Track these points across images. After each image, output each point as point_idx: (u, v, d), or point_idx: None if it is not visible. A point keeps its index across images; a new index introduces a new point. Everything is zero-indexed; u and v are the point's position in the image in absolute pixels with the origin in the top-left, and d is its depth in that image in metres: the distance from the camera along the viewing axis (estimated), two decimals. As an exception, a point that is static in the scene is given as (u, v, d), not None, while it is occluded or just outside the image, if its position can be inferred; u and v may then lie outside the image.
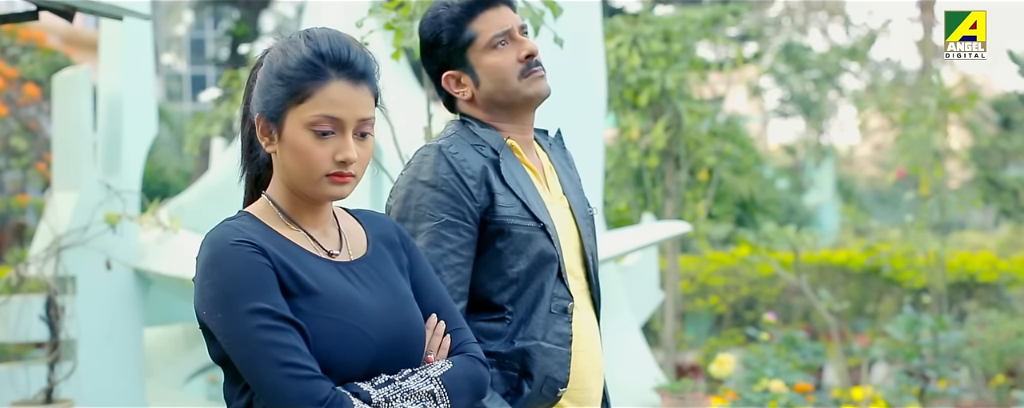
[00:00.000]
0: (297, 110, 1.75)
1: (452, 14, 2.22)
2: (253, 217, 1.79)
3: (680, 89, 7.04)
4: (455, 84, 2.27)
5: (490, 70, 2.22)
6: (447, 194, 2.14)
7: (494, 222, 2.16)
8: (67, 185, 5.11)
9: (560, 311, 2.19)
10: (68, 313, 4.90)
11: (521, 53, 2.21)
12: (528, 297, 2.17)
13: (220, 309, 1.66)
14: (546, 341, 2.16)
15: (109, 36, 5.45)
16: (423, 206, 2.14)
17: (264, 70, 1.80)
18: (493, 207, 2.16)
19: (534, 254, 2.17)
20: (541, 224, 2.18)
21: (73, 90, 5.08)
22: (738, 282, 9.24)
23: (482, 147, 2.21)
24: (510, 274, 2.17)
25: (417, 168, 2.17)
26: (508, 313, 2.17)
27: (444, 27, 2.22)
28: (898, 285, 8.80)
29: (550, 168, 2.36)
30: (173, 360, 6.02)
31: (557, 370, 2.16)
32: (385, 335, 1.75)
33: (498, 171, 2.19)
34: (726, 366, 5.68)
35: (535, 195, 2.22)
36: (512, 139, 2.27)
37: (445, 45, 2.24)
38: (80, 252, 4.99)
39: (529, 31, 2.31)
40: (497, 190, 2.17)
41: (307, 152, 1.74)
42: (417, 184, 2.16)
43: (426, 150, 2.18)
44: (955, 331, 6.53)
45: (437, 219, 2.13)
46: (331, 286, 1.74)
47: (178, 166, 17.50)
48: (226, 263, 1.67)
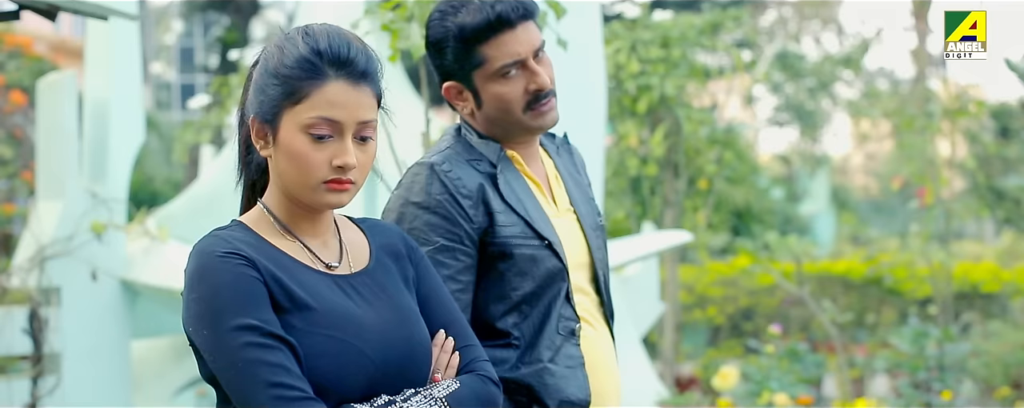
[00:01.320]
0: (293, 111, 1.63)
1: (461, 33, 2.05)
2: (245, 227, 1.68)
3: (679, 96, 6.93)
4: (456, 95, 2.13)
5: (495, 99, 2.08)
6: (441, 216, 2.00)
7: (495, 243, 2.02)
8: (51, 193, 4.99)
9: (567, 333, 2.07)
10: (52, 325, 4.77)
11: (530, 85, 2.07)
12: (534, 320, 2.04)
13: (206, 325, 1.56)
14: (554, 364, 2.04)
15: (95, 39, 5.34)
16: (416, 230, 2.00)
17: (260, 68, 1.69)
18: (493, 227, 2.02)
19: (540, 275, 2.05)
20: (546, 242, 2.05)
21: (58, 95, 4.96)
22: (736, 293, 9.12)
23: (479, 162, 2.08)
24: (514, 297, 2.04)
25: (409, 188, 2.04)
26: (514, 338, 2.04)
27: (450, 43, 2.08)
28: (899, 296, 8.70)
29: (556, 177, 2.23)
30: (161, 374, 5.88)
31: (576, 391, 2.04)
32: (385, 353, 1.64)
33: (496, 188, 2.06)
34: (729, 379, 5.56)
35: (538, 210, 2.09)
36: (513, 149, 2.14)
37: (450, 60, 2.09)
38: (65, 262, 4.87)
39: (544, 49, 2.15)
40: (496, 209, 2.03)
41: (303, 157, 1.63)
42: (409, 206, 2.03)
43: (417, 168, 2.05)
44: (962, 343, 6.42)
45: (432, 243, 1.99)
46: (327, 301, 1.63)
47: (167, 176, 17.39)
48: (212, 276, 1.57)
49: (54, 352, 4.81)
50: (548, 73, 2.09)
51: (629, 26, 6.92)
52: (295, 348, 1.56)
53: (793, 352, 6.49)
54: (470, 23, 2.04)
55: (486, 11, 2.04)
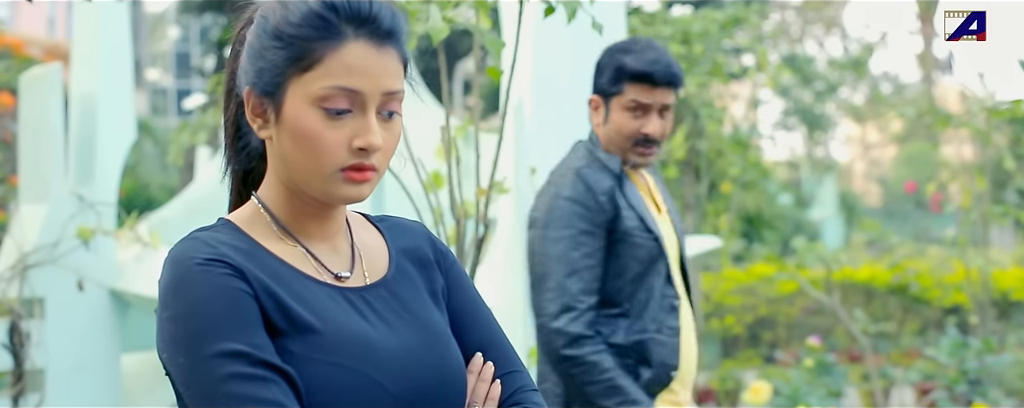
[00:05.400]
0: (302, 81, 1.30)
1: (622, 65, 2.63)
2: (234, 227, 1.35)
3: (701, 95, 6.61)
4: (593, 107, 2.70)
5: (614, 124, 2.64)
6: (584, 207, 2.55)
7: (618, 231, 2.57)
8: (35, 196, 4.76)
9: (669, 308, 2.60)
10: (35, 339, 4.51)
11: (642, 129, 2.61)
12: (642, 295, 2.58)
13: (182, 351, 1.24)
14: (660, 333, 2.56)
15: (83, 30, 5.09)
16: (563, 217, 2.56)
17: (256, 29, 1.34)
18: (619, 219, 2.57)
19: (648, 260, 2.58)
20: (654, 235, 2.60)
21: (42, 91, 4.72)
22: (755, 301, 8.82)
23: (607, 170, 2.63)
24: (627, 275, 2.57)
25: (559, 186, 2.61)
26: (625, 309, 2.57)
27: (609, 70, 2.66)
28: (925, 304, 8.39)
29: (655, 189, 2.78)
30: (152, 390, 5.62)
31: (670, 356, 2.57)
32: (408, 384, 1.31)
33: (623, 190, 2.61)
34: (762, 394, 5.24)
35: (647, 211, 2.64)
36: (633, 166, 2.69)
37: (602, 78, 2.68)
38: (49, 271, 4.63)
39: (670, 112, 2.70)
40: (621, 205, 2.59)
41: (315, 137, 1.30)
42: (560, 199, 2.58)
43: (564, 171, 2.64)
44: (1003, 354, 6.11)
45: (576, 227, 2.55)
46: (334, 321, 1.30)
47: (163, 182, 17.19)
48: (191, 290, 1.25)
49: (37, 368, 4.57)
50: (665, 126, 2.65)
51: (648, 20, 6.61)
52: (294, 380, 1.24)
53: (822, 364, 6.21)
54: (634, 68, 2.63)
55: (644, 65, 2.62)
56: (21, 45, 11.34)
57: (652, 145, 2.63)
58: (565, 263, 2.52)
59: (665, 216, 2.74)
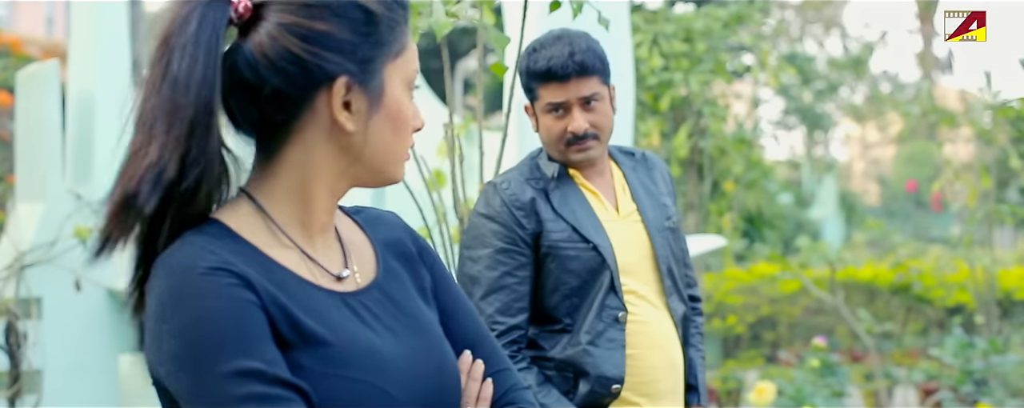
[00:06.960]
0: (395, 66, 1.31)
1: (528, 68, 2.52)
2: (228, 230, 1.25)
3: (704, 93, 6.57)
4: (529, 115, 2.59)
5: (542, 129, 2.55)
6: (500, 223, 2.45)
7: (544, 246, 2.46)
8: (32, 195, 4.75)
9: (611, 320, 2.45)
10: (32, 340, 4.49)
11: (568, 128, 2.49)
12: (582, 309, 2.46)
13: (186, 369, 1.16)
14: (595, 345, 2.43)
15: (81, 28, 5.10)
16: (482, 235, 2.47)
17: (335, 22, 1.28)
18: (543, 234, 2.46)
19: (587, 271, 2.46)
20: (592, 244, 2.46)
21: (39, 89, 4.72)
22: (757, 301, 8.79)
23: (537, 180, 2.52)
24: (563, 290, 2.46)
25: (478, 203, 2.53)
26: (566, 324, 2.47)
27: (523, 76, 2.55)
28: (928, 304, 8.36)
29: (623, 187, 2.61)
30: (150, 390, 5.53)
31: (610, 369, 2.43)
32: (412, 390, 1.27)
33: (550, 200, 2.49)
34: (767, 395, 5.20)
35: (589, 217, 2.50)
36: (575, 166, 2.55)
37: (523, 83, 2.56)
38: (46, 271, 4.61)
39: (599, 98, 2.53)
40: (545, 218, 2.47)
41: (408, 121, 1.32)
42: (477, 216, 2.49)
43: (486, 187, 2.54)
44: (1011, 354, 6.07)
45: (491, 246, 2.45)
46: (344, 332, 1.24)
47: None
48: (194, 301, 1.17)
49: (34, 369, 4.55)
50: (592, 119, 2.49)
51: (650, 18, 6.57)
52: (310, 397, 1.17)
53: (826, 364, 6.17)
54: (534, 68, 2.50)
55: (544, 63, 2.48)
56: (19, 44, 11.36)
57: (585, 140, 2.49)
58: (481, 284, 2.42)
59: (630, 217, 2.56)
